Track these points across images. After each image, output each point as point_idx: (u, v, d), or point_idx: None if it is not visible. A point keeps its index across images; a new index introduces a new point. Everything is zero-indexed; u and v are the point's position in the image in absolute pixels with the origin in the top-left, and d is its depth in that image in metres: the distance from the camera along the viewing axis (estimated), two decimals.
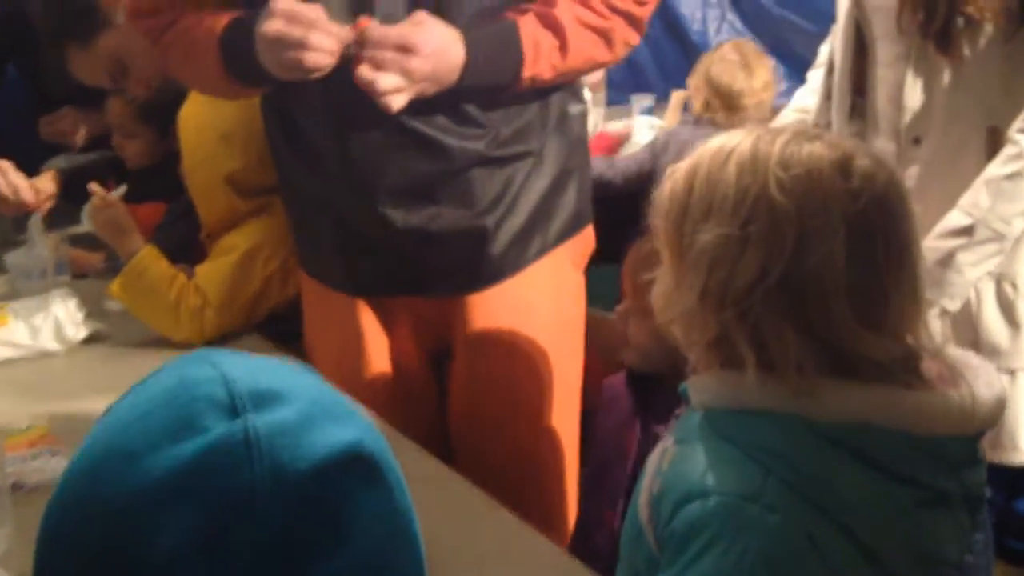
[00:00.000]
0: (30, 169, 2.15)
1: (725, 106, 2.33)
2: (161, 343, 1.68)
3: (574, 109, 1.50)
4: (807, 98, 1.80)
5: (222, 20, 1.32)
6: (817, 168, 0.81)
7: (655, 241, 0.90)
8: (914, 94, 1.46)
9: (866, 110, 1.56)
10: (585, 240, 1.56)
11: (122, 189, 1.73)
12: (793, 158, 0.82)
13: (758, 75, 2.34)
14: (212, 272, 1.66)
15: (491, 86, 1.32)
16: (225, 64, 1.32)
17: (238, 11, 1.34)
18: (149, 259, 1.66)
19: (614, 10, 1.36)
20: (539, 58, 1.31)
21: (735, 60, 2.34)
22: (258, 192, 1.64)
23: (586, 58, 1.38)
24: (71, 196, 2.19)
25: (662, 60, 3.53)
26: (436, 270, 1.44)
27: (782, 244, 0.79)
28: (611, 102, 3.28)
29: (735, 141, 0.85)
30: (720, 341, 0.83)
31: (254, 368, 0.56)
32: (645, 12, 1.40)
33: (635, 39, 1.42)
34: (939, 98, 1.44)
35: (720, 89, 2.32)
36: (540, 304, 1.49)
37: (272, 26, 1.19)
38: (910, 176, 1.47)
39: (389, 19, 1.26)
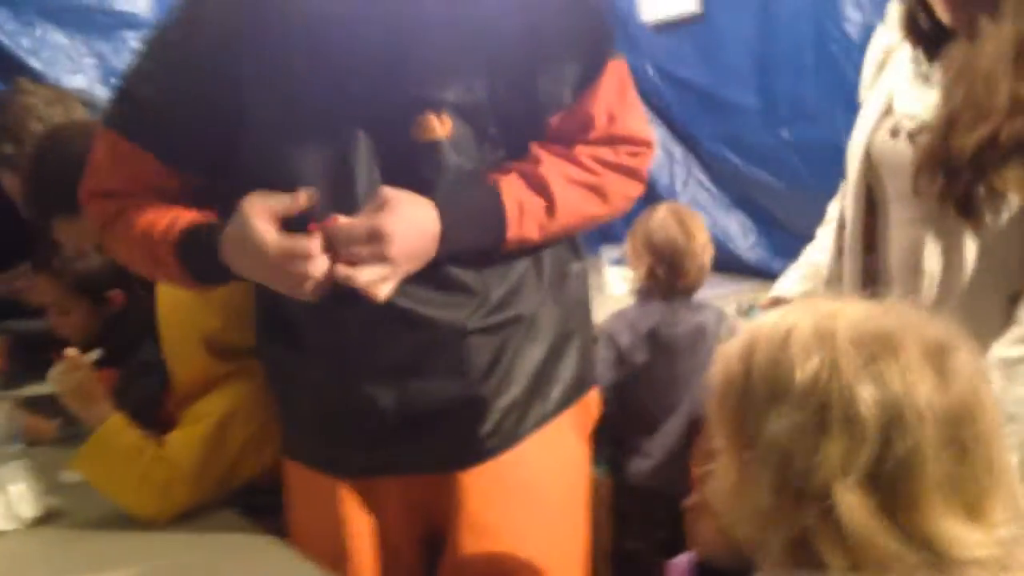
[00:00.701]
0: None
1: (670, 271, 2.31)
2: (123, 520, 1.53)
3: (574, 268, 1.43)
4: (816, 254, 1.78)
5: (178, 220, 1.28)
6: (892, 345, 0.75)
7: (712, 430, 0.83)
8: (933, 259, 1.43)
9: (877, 269, 1.53)
10: (588, 407, 1.48)
11: (95, 354, 1.64)
12: (868, 337, 0.76)
13: (698, 237, 2.34)
14: (184, 441, 1.54)
15: (475, 251, 1.27)
16: (185, 264, 1.28)
17: (188, 208, 1.30)
18: (116, 429, 1.54)
19: (605, 164, 1.33)
20: (524, 218, 1.26)
21: (673, 224, 2.33)
22: (235, 354, 1.55)
23: (580, 215, 1.33)
24: (21, 361, 2.09)
25: (629, 212, 3.55)
26: (424, 448, 1.35)
27: (864, 438, 0.72)
28: None
29: (792, 318, 0.79)
30: (799, 542, 0.74)
31: None
32: (640, 163, 1.37)
33: (636, 190, 1.38)
34: (959, 264, 1.42)
35: (663, 255, 2.30)
36: (539, 480, 1.39)
37: (274, 249, 1.17)
38: None
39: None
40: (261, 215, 1.18)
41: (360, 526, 1.40)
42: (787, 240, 3.17)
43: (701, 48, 3.31)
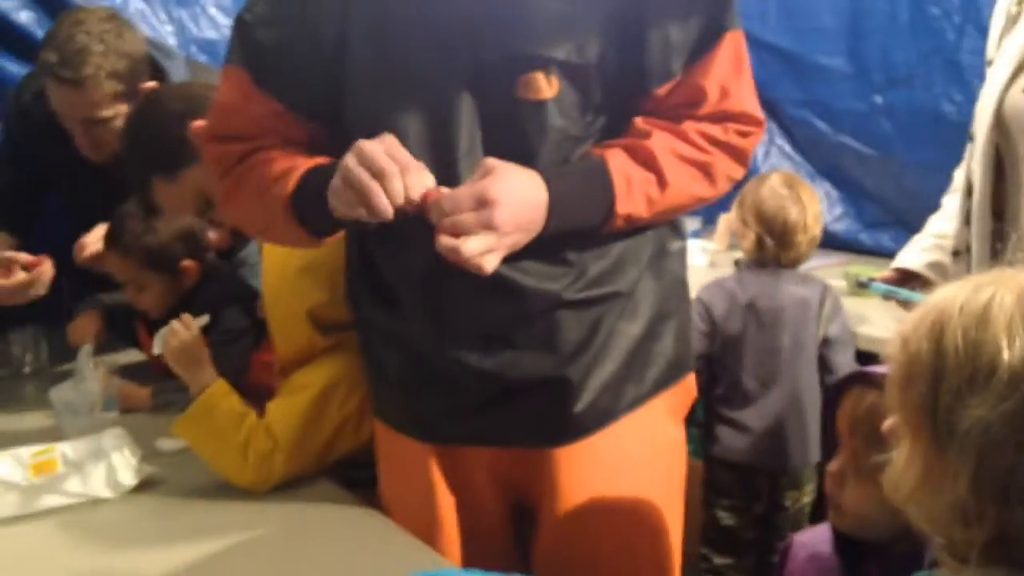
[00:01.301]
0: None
1: (779, 243, 2.22)
2: (220, 488, 1.53)
3: (674, 246, 1.37)
4: (942, 223, 1.69)
5: (299, 165, 1.23)
6: None
7: (890, 414, 0.76)
8: None
9: (1007, 235, 1.45)
10: (685, 390, 1.42)
11: (204, 319, 1.63)
12: None
13: (810, 209, 2.24)
14: (284, 412, 1.52)
15: (583, 228, 1.21)
16: (294, 208, 1.22)
17: (315, 156, 1.25)
18: (220, 395, 1.52)
19: (715, 143, 1.25)
20: (632, 193, 1.20)
21: (786, 194, 2.23)
22: (338, 327, 1.52)
23: (688, 194, 1.25)
24: (115, 331, 2.10)
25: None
26: (514, 421, 1.31)
27: None
28: None
29: (988, 292, 0.72)
30: (1004, 541, 0.68)
31: None
32: (749, 144, 1.28)
33: (739, 173, 1.30)
34: None
35: (774, 226, 2.21)
36: (633, 463, 1.35)
37: (360, 160, 1.10)
38: None
39: (469, 155, 1.18)
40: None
41: (448, 495, 1.38)
42: (876, 212, 3.08)
43: (787, 8, 3.19)
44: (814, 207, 2.26)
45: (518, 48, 1.17)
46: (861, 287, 1.80)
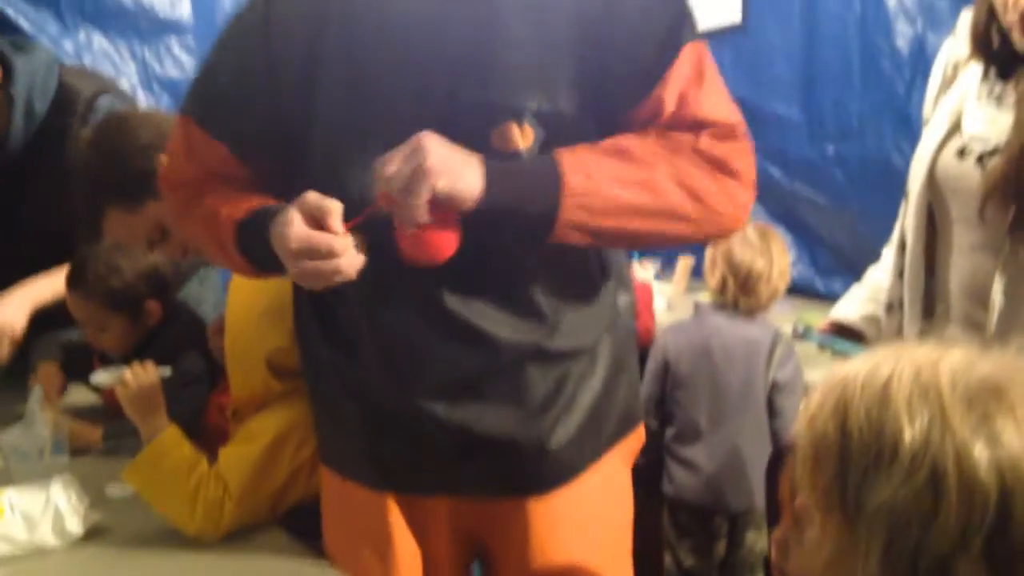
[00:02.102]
0: None
1: (741, 289, 2.28)
2: (170, 537, 1.51)
3: (623, 300, 1.38)
4: (879, 274, 1.73)
5: (243, 204, 1.23)
6: (1004, 399, 0.71)
7: (799, 493, 0.78)
8: (997, 290, 1.38)
9: (937, 292, 1.49)
10: (636, 437, 1.44)
11: (167, 370, 1.62)
12: (978, 391, 0.71)
13: (777, 264, 2.30)
14: (236, 459, 1.52)
15: (530, 205, 1.12)
16: (242, 249, 1.23)
17: (262, 195, 1.26)
18: (172, 441, 1.52)
19: (674, 151, 1.16)
20: (582, 163, 1.12)
21: (757, 245, 2.30)
22: (295, 374, 1.52)
23: (656, 208, 1.15)
24: (72, 370, 2.08)
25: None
26: (479, 473, 1.30)
27: (984, 505, 0.67)
28: None
29: (887, 369, 0.73)
30: None
31: None
32: (728, 152, 1.17)
33: (737, 189, 1.18)
34: None
35: (739, 272, 2.27)
36: (591, 515, 1.36)
37: (294, 243, 1.10)
38: None
39: None
40: (300, 207, 1.12)
41: (405, 544, 1.36)
42: (829, 258, 3.13)
43: (742, 59, 3.27)
44: (782, 262, 2.32)
45: (491, 97, 1.15)
46: (798, 337, 1.84)
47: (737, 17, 3.29)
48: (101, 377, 1.69)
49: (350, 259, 1.10)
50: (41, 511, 1.48)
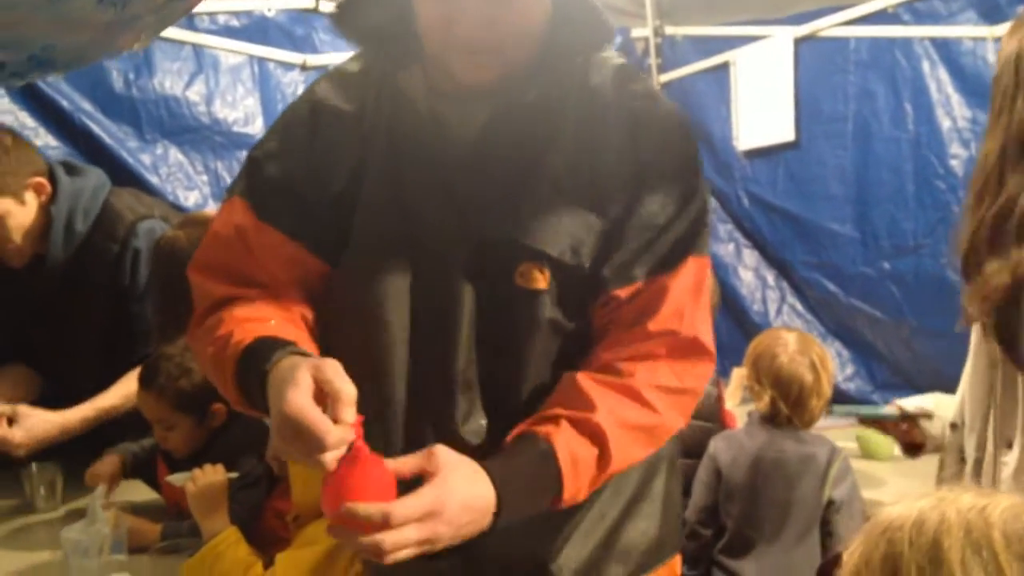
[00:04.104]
0: None
1: (794, 406, 2.26)
2: None
3: None
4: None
5: (258, 330, 1.13)
6: None
7: None
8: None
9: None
10: (669, 573, 1.34)
11: (234, 474, 1.67)
12: None
13: (824, 374, 2.29)
14: (291, 564, 1.52)
15: (529, 515, 1.13)
16: (238, 379, 1.12)
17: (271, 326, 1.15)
18: (230, 542, 1.55)
19: (669, 392, 1.17)
20: (579, 476, 1.12)
21: (801, 360, 2.28)
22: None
23: (629, 461, 1.19)
24: (137, 473, 2.13)
25: (718, 337, 3.52)
26: None
27: None
28: None
29: (934, 521, 0.73)
30: None
31: None
32: (702, 384, 1.21)
33: (682, 425, 1.22)
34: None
35: (790, 391, 2.25)
36: None
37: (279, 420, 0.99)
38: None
39: (466, 336, 1.16)
40: (315, 373, 1.00)
41: None
42: (887, 373, 3.11)
43: (796, 176, 3.32)
44: (828, 371, 2.29)
45: (518, 237, 1.16)
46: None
47: (791, 135, 3.35)
48: (175, 477, 1.74)
49: (336, 453, 0.99)
50: None
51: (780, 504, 2.20)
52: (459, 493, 1.04)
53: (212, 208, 2.90)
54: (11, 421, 2.07)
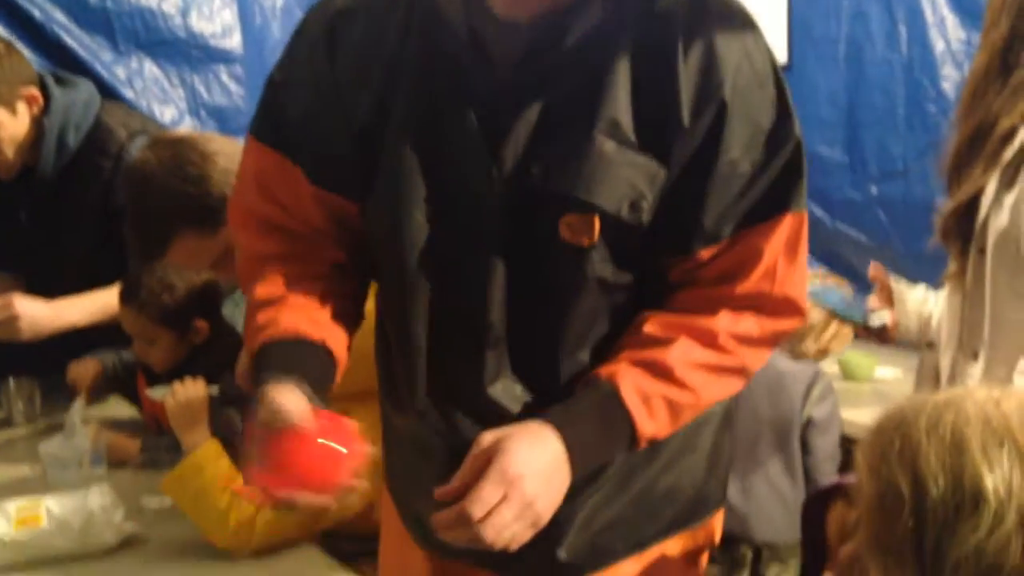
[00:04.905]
0: None
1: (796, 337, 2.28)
2: (203, 548, 1.52)
3: None
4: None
5: (275, 324, 1.10)
6: None
7: (851, 542, 0.75)
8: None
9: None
10: (707, 533, 1.27)
11: (213, 389, 1.65)
12: None
13: (833, 327, 2.30)
14: None
15: (606, 461, 1.10)
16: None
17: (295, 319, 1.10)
18: (211, 456, 1.53)
19: (746, 342, 1.08)
20: (654, 413, 1.05)
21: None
22: (336, 398, 1.52)
23: (711, 399, 1.11)
24: (117, 386, 2.11)
25: None
26: (508, 553, 1.14)
27: None
28: None
29: (950, 412, 0.71)
30: None
31: None
32: (785, 333, 1.12)
33: (767, 358, 1.13)
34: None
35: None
36: None
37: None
38: None
39: (499, 291, 1.07)
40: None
41: None
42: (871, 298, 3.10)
43: None
44: (843, 330, 2.31)
45: (566, 186, 1.03)
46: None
47: (783, 57, 3.29)
48: (155, 391, 1.71)
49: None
50: (78, 519, 1.49)
51: (760, 420, 2.21)
52: (524, 453, 0.97)
53: (188, 125, 2.83)
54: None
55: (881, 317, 1.88)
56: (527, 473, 0.95)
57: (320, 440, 0.97)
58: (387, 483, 1.33)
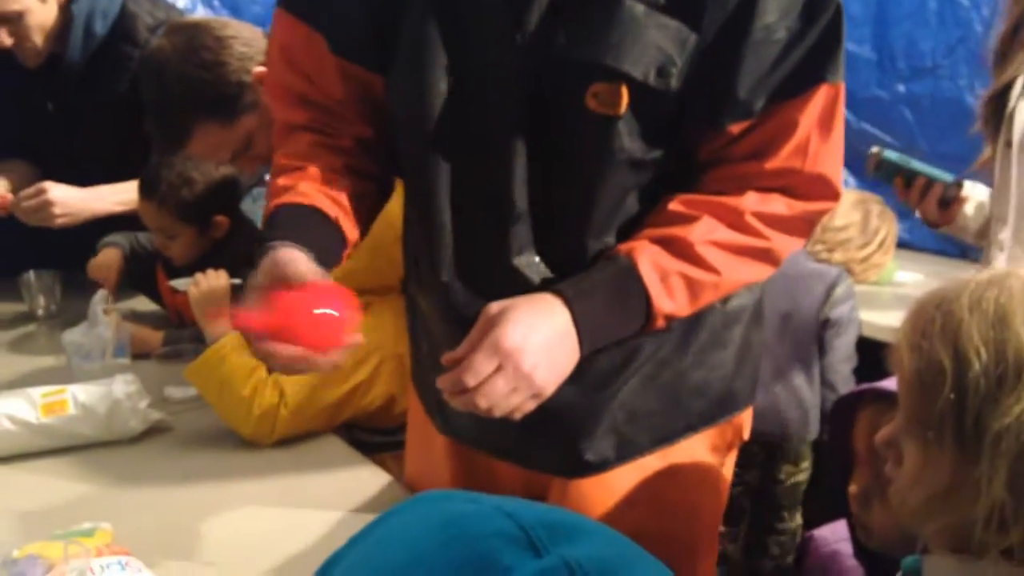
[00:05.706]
0: None
1: (822, 237, 2.28)
2: (226, 437, 1.55)
3: None
4: None
5: (293, 188, 1.09)
6: None
7: (899, 426, 0.75)
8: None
9: None
10: (735, 428, 1.26)
11: (237, 281, 1.65)
12: None
13: (872, 247, 2.35)
14: None
15: (621, 338, 1.06)
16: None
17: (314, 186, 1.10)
18: (233, 346, 1.54)
19: (775, 222, 1.05)
20: (672, 290, 1.03)
21: (857, 215, 2.33)
22: (361, 293, 1.52)
23: (736, 281, 1.08)
24: (135, 275, 2.12)
25: None
26: (534, 444, 1.17)
27: None
28: None
29: (994, 290, 0.71)
30: None
31: (522, 503, 0.43)
32: (818, 215, 1.09)
33: (796, 247, 1.11)
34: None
35: (827, 234, 2.28)
36: (657, 499, 1.20)
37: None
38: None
39: (522, 164, 1.04)
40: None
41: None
42: (895, 202, 3.06)
43: None
44: (878, 254, 2.35)
45: (592, 51, 1.00)
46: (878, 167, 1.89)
47: None
48: (178, 281, 1.73)
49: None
50: (103, 407, 1.51)
51: (778, 315, 2.21)
52: (524, 325, 0.95)
53: (201, 11, 2.78)
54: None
55: (959, 186, 1.84)
56: (525, 345, 0.95)
57: (315, 303, 0.97)
58: (412, 373, 1.34)
